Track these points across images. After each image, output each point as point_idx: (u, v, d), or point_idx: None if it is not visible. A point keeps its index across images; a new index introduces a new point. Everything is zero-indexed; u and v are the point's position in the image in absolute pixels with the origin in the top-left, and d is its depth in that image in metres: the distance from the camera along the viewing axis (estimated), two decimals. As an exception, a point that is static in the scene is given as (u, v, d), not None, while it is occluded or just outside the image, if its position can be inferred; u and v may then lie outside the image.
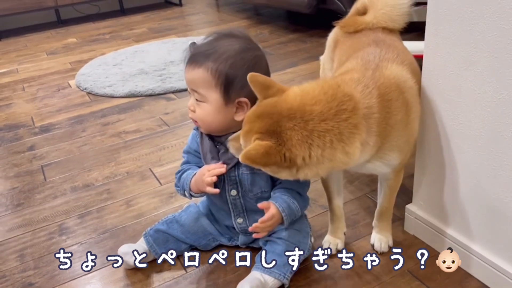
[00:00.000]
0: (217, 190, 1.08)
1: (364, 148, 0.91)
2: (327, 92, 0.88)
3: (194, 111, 1.09)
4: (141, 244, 1.22)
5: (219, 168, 1.08)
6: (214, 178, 1.06)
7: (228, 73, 1.03)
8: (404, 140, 1.00)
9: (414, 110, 1.00)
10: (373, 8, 1.25)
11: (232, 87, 1.04)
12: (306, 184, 1.13)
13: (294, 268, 1.10)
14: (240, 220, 1.18)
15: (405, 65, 1.02)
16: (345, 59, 1.14)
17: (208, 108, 1.07)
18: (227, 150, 1.07)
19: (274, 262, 1.08)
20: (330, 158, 0.87)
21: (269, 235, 1.14)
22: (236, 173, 1.12)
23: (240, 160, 0.87)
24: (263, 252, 1.11)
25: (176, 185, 1.19)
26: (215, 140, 1.13)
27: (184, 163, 1.21)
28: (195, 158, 1.19)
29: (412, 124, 1.01)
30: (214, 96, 1.05)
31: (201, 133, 1.15)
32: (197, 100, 1.08)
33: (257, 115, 0.91)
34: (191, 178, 1.12)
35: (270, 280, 1.07)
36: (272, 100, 0.91)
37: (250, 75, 0.93)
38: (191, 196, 1.15)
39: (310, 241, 1.18)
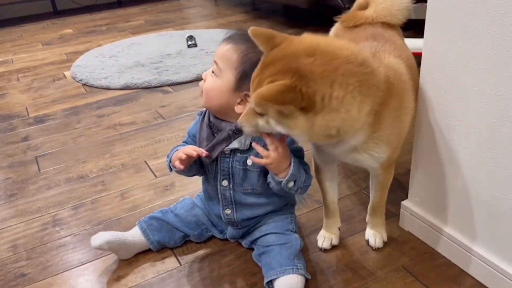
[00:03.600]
0: (181, 166, 1.08)
1: (366, 120, 0.88)
2: (350, 47, 0.85)
3: (205, 81, 1.10)
4: (119, 232, 1.21)
5: (196, 150, 1.07)
6: (184, 156, 1.06)
7: (253, 64, 1.03)
8: (394, 132, 0.97)
9: (407, 104, 0.99)
10: (374, 3, 1.25)
11: (248, 78, 1.03)
12: (308, 166, 1.11)
13: (301, 261, 1.09)
14: (228, 211, 1.17)
15: (401, 59, 1.02)
16: None
17: (218, 83, 1.07)
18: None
19: (280, 263, 1.07)
20: (347, 107, 0.82)
21: (259, 248, 1.16)
22: (230, 165, 1.12)
23: (252, 99, 0.82)
24: (264, 264, 1.11)
25: (167, 160, 1.19)
26: (214, 128, 1.13)
27: (183, 142, 1.22)
28: (191, 142, 1.19)
29: (404, 117, 0.99)
30: (228, 76, 1.05)
31: (202, 120, 1.15)
32: (213, 72, 1.08)
33: (265, 64, 0.85)
34: (174, 152, 1.13)
35: (288, 279, 1.05)
36: (281, 46, 0.86)
37: (252, 29, 0.88)
38: (170, 169, 1.15)
39: (296, 232, 1.18)
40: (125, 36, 3.46)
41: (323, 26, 1.47)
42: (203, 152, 1.08)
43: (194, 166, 1.16)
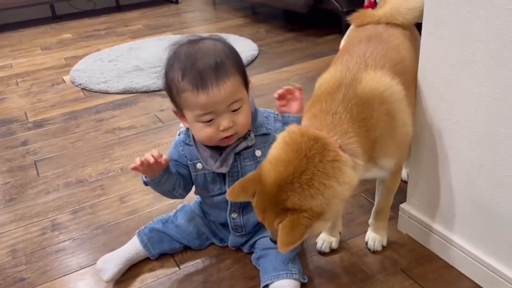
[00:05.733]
0: (132, 166, 1.03)
1: (358, 168, 0.92)
2: (293, 148, 0.89)
3: (230, 126, 1.02)
4: (123, 252, 1.19)
5: (155, 155, 1.03)
6: (138, 161, 1.02)
7: (240, 60, 1.04)
8: (394, 147, 0.99)
9: (401, 115, 0.98)
10: (388, 2, 1.24)
11: (244, 69, 1.05)
12: None
13: (295, 265, 1.10)
14: (234, 215, 1.17)
15: (386, 68, 1.00)
16: (337, 57, 1.13)
17: (247, 106, 1.05)
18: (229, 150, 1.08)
19: (274, 267, 1.08)
20: (333, 195, 0.88)
21: (257, 252, 1.17)
22: (239, 168, 1.11)
23: (280, 251, 0.86)
24: (261, 268, 1.12)
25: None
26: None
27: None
28: (176, 167, 1.14)
29: (401, 129, 0.99)
30: (244, 91, 1.05)
31: (195, 142, 1.11)
32: (234, 110, 1.02)
33: (261, 211, 0.92)
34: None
35: (282, 284, 1.06)
36: (259, 193, 0.92)
37: (228, 195, 0.94)
38: (145, 183, 1.11)
39: None
40: (124, 40, 3.47)
41: (321, 30, 1.47)
42: (161, 156, 1.04)
43: (168, 178, 1.10)
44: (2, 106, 2.40)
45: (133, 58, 2.94)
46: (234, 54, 1.04)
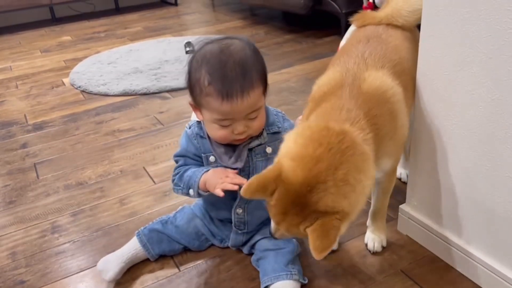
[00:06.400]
0: (222, 194, 1.02)
1: (373, 166, 0.91)
2: (321, 143, 0.84)
3: (246, 130, 1.04)
4: (122, 252, 1.19)
5: (240, 180, 1.02)
6: (236, 187, 1.00)
7: (265, 69, 1.04)
8: (394, 147, 1.00)
9: (401, 116, 0.99)
10: (389, 4, 1.24)
11: (266, 77, 1.05)
12: None
13: (295, 266, 1.10)
14: (239, 211, 1.16)
15: (386, 69, 1.00)
16: (335, 58, 1.14)
17: (262, 112, 1.06)
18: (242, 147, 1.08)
19: (274, 268, 1.08)
20: (362, 192, 0.86)
21: (256, 253, 1.17)
22: (250, 163, 1.11)
23: (316, 258, 0.82)
24: (261, 270, 1.12)
25: (176, 184, 1.14)
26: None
27: (180, 165, 1.15)
28: (193, 162, 1.14)
29: (400, 130, 1.00)
30: (262, 99, 1.06)
31: (208, 136, 1.10)
32: (251, 118, 1.03)
33: (282, 212, 0.87)
34: (201, 176, 1.08)
35: (282, 285, 1.06)
36: (281, 192, 0.86)
37: (244, 191, 0.86)
38: (198, 194, 1.10)
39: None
40: (124, 42, 3.47)
41: (320, 31, 1.48)
42: (242, 180, 1.03)
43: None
44: (1, 109, 2.40)
45: (132, 60, 2.94)
46: (260, 62, 1.04)
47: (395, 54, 1.06)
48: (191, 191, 1.11)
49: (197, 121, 1.13)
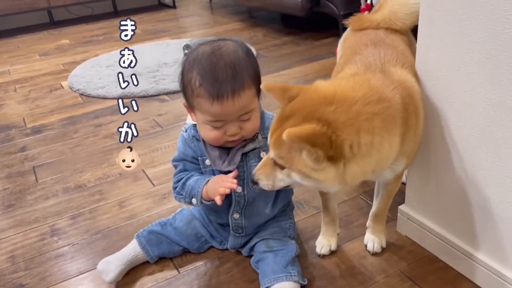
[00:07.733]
0: (220, 203, 1.03)
1: (398, 144, 0.87)
2: (362, 84, 0.84)
3: (237, 133, 1.03)
4: (122, 254, 1.19)
5: (231, 183, 1.03)
6: (228, 191, 1.02)
7: (258, 71, 1.04)
8: (412, 145, 0.98)
9: (421, 116, 0.99)
10: (384, 7, 1.24)
11: (260, 80, 1.04)
12: None
13: (295, 267, 1.10)
14: (236, 216, 1.17)
15: (406, 68, 1.00)
16: (343, 61, 1.13)
17: (256, 114, 1.05)
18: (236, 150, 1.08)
19: (273, 270, 1.08)
20: (378, 148, 0.81)
21: (256, 255, 1.16)
22: (244, 169, 1.11)
23: (284, 137, 0.76)
24: (261, 272, 1.12)
25: (178, 193, 1.14)
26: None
27: (180, 171, 1.15)
28: (193, 166, 1.14)
29: (419, 129, 0.99)
30: (256, 101, 1.05)
31: (203, 140, 1.10)
32: (244, 120, 1.03)
33: (285, 117, 0.83)
34: (203, 186, 1.08)
35: (281, 286, 1.06)
36: (298, 99, 0.84)
37: (265, 86, 0.89)
38: (201, 203, 1.10)
39: (294, 238, 1.20)
40: (122, 45, 3.47)
41: (319, 33, 1.48)
42: (234, 182, 1.03)
43: None
44: (0, 112, 2.40)
45: (131, 63, 2.94)
46: (253, 64, 1.04)
47: (405, 57, 1.06)
48: (194, 201, 1.11)
49: (193, 124, 1.13)
